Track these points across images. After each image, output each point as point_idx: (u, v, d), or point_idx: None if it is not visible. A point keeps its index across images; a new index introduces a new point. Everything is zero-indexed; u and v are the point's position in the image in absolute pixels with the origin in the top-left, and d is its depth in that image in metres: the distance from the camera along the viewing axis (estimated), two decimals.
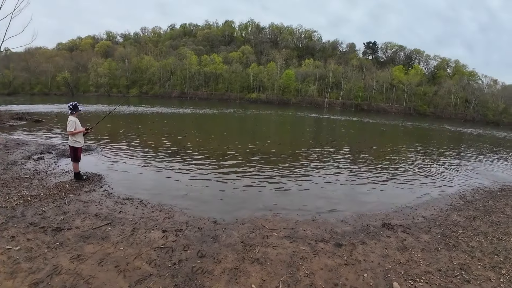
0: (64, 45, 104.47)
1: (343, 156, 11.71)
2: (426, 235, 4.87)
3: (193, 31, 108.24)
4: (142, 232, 4.30)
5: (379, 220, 5.42)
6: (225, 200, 6.11)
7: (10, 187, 5.79)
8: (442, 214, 6.07)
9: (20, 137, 12.18)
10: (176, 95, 79.92)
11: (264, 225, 4.87)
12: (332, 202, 6.41)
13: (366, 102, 74.13)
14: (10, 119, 17.18)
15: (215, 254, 3.81)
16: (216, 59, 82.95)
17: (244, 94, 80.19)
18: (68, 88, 79.14)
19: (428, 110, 70.49)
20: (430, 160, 12.43)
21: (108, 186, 6.38)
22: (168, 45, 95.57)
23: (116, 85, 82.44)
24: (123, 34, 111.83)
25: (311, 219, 5.30)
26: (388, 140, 19.62)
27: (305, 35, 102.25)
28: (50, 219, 4.51)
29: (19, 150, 9.16)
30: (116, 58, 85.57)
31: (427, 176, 9.40)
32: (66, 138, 11.16)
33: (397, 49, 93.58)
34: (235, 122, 26.32)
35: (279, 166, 9.32)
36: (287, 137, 18.22)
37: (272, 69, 79.52)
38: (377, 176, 8.92)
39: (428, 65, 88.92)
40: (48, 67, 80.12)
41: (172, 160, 9.30)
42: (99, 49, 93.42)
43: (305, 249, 4.09)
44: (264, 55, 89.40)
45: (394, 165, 10.75)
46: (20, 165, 7.54)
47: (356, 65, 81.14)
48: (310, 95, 76.24)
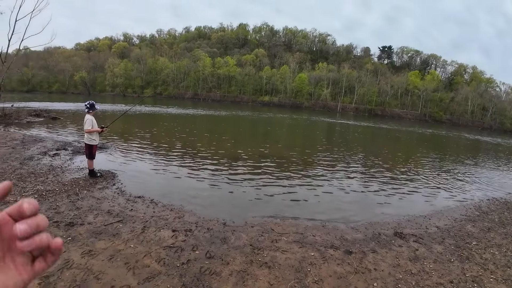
0: (82, 45, 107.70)
1: (356, 162, 11.54)
2: (439, 246, 4.73)
3: (208, 33, 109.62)
4: (152, 231, 4.34)
5: (391, 229, 5.30)
6: (235, 202, 6.11)
7: (26, 182, 5.96)
8: (456, 224, 5.89)
9: (37, 133, 12.57)
10: (189, 96, 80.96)
11: (273, 228, 4.84)
12: (343, 208, 6.31)
13: (380, 107, 73.10)
14: (28, 115, 17.77)
15: (223, 256, 3.81)
16: (229, 62, 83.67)
17: (257, 96, 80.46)
18: (85, 87, 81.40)
19: (444, 117, 68.92)
20: (445, 168, 12.10)
21: (120, 184, 6.49)
22: (182, 47, 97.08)
23: (131, 85, 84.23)
24: (140, 35, 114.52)
25: (321, 225, 5.23)
26: (402, 147, 19.24)
27: (319, 38, 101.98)
28: (64, 214, 4.61)
29: (36, 146, 9.45)
30: (132, 59, 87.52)
31: (442, 185, 9.14)
32: (81, 136, 11.45)
33: (413, 54, 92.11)
34: (248, 125, 26.38)
35: (290, 170, 9.26)
36: (299, 141, 18.12)
37: (285, 72, 79.52)
38: (390, 183, 8.74)
39: (445, 71, 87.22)
40: (66, 66, 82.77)
41: (184, 161, 9.39)
42: (116, 50, 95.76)
43: (314, 255, 4.03)
44: (278, 58, 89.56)
45: (408, 172, 10.51)
46: (36, 160, 7.77)
47: (371, 70, 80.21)
48: (323, 99, 75.78)
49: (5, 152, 8.31)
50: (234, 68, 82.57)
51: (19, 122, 15.72)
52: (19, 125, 14.68)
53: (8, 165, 7.04)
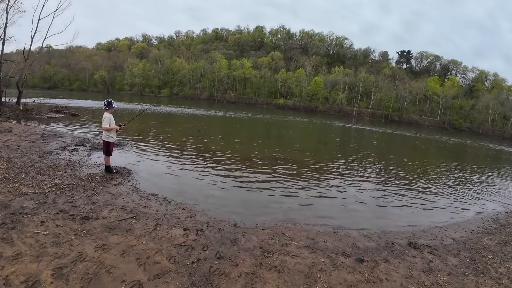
0: (103, 45, 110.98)
1: (371, 169, 11.32)
2: (454, 258, 4.57)
3: (225, 35, 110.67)
4: (164, 228, 4.39)
5: (405, 239, 5.15)
6: (246, 204, 6.11)
7: (44, 175, 6.17)
8: (473, 237, 5.68)
9: (57, 128, 13.02)
10: (205, 97, 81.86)
11: (284, 232, 4.80)
12: (356, 215, 6.20)
13: (397, 113, 71.52)
14: (49, 111, 18.43)
15: (233, 257, 3.81)
16: (245, 64, 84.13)
17: (272, 99, 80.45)
18: (104, 85, 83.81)
19: (464, 125, 66.66)
20: (464, 178, 11.69)
21: (135, 181, 6.62)
22: (199, 48, 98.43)
23: (148, 85, 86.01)
24: (158, 37, 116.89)
25: (333, 231, 5.15)
26: (420, 155, 18.73)
27: (336, 42, 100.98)
28: (80, 207, 4.74)
29: (55, 141, 9.77)
30: (150, 59, 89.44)
31: (459, 196, 8.84)
32: (99, 132, 11.76)
33: (433, 59, 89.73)
34: (262, 127, 26.41)
35: (303, 174, 9.19)
36: (313, 145, 17.96)
37: (300, 75, 79.20)
38: (406, 192, 8.51)
39: (466, 77, 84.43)
40: (87, 65, 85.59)
41: (197, 161, 9.49)
42: (135, 51, 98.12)
43: (324, 261, 3.97)
44: (294, 61, 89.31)
45: (425, 181, 10.21)
46: (55, 155, 8.03)
47: (389, 75, 78.71)
48: (339, 103, 74.90)
49: (26, 145, 8.65)
50: (249, 71, 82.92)
51: (40, 117, 16.33)
52: (40, 120, 15.25)
53: (28, 158, 7.32)
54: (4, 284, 2.77)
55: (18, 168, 6.36)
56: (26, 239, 3.58)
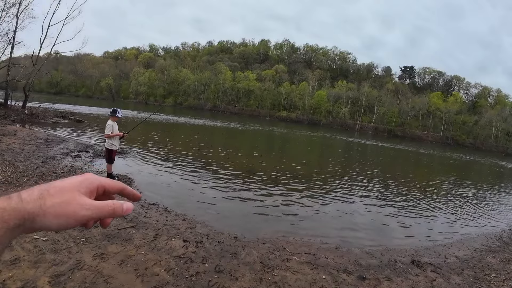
0: (110, 53, 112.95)
1: (374, 185, 11.23)
2: (457, 277, 4.47)
3: (230, 48, 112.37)
4: (163, 239, 4.34)
5: (408, 256, 5.05)
6: (247, 217, 6.05)
7: (46, 180, 6.14)
8: (476, 255, 5.57)
9: (61, 134, 13.09)
10: (209, 108, 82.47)
11: (285, 247, 4.72)
12: (359, 231, 6.10)
13: (400, 128, 71.55)
14: (54, 116, 18.61)
15: (232, 271, 3.74)
16: (249, 76, 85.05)
17: (275, 111, 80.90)
18: (110, 93, 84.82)
19: (467, 140, 66.43)
20: (467, 195, 11.54)
21: (136, 189, 6.54)
22: (205, 60, 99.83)
23: (153, 94, 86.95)
24: (165, 47, 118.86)
25: (335, 247, 5.06)
26: (423, 171, 18.60)
27: (340, 56, 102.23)
28: None
29: (59, 146, 9.82)
30: (156, 69, 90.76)
31: (463, 213, 8.70)
32: (103, 140, 11.82)
33: (436, 75, 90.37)
34: (264, 140, 26.44)
35: (305, 188, 9.12)
36: (315, 159, 17.91)
37: (304, 88, 79.84)
38: (409, 208, 8.39)
39: (469, 93, 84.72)
40: (94, 72, 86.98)
41: (199, 172, 9.46)
42: (142, 60, 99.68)
43: (325, 278, 3.89)
44: (297, 75, 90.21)
45: (428, 198, 10.09)
46: (58, 160, 8.05)
47: (391, 89, 79.18)
48: (342, 117, 75.17)
49: (29, 149, 8.69)
50: (253, 83, 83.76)
51: (45, 122, 16.48)
52: (45, 125, 15.37)
53: (30, 162, 7.33)
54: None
55: (20, 172, 6.37)
56: (24, 244, 3.54)
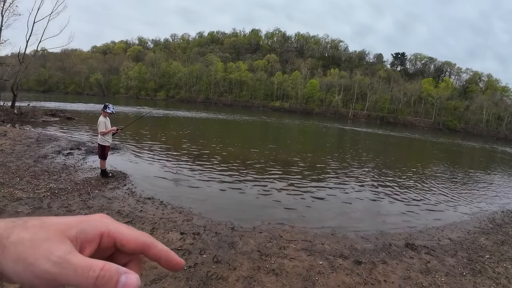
0: (99, 48, 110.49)
1: (367, 171, 11.36)
2: (451, 259, 4.59)
3: (220, 38, 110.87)
4: (161, 233, 4.36)
5: (402, 240, 5.16)
6: (243, 207, 6.09)
7: (39, 179, 6.09)
8: (470, 237, 5.72)
9: (52, 132, 12.88)
10: (201, 100, 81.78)
11: (281, 235, 4.78)
12: (353, 217, 6.20)
13: (392, 115, 72.12)
14: (44, 115, 18.26)
15: (230, 261, 3.78)
16: (241, 67, 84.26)
17: (268, 102, 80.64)
18: (100, 89, 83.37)
19: (459, 125, 67.39)
20: (459, 179, 11.78)
21: (131, 184, 6.57)
22: (195, 51, 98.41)
23: (144, 88, 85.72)
24: (154, 40, 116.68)
25: (330, 233, 5.14)
26: (415, 156, 18.86)
27: (331, 44, 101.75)
28: (75, 212, 4.68)
29: (50, 145, 9.67)
30: (146, 62, 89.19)
31: (455, 196, 8.89)
32: (95, 136, 11.67)
33: (427, 61, 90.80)
34: (258, 130, 26.40)
35: (299, 176, 9.18)
36: (309, 147, 17.99)
37: (296, 78, 79.52)
38: (402, 193, 8.54)
39: (460, 79, 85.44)
40: (82, 68, 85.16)
41: (194, 164, 9.44)
42: (131, 54, 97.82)
43: (322, 264, 3.96)
44: (289, 64, 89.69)
45: (421, 182, 10.27)
46: (50, 159, 7.94)
47: (383, 77, 79.36)
48: (335, 105, 75.36)
49: (20, 149, 8.55)
50: (245, 73, 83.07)
51: (35, 121, 16.17)
52: (35, 124, 15.09)
53: (22, 162, 7.22)
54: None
55: (12, 173, 6.27)
56: None
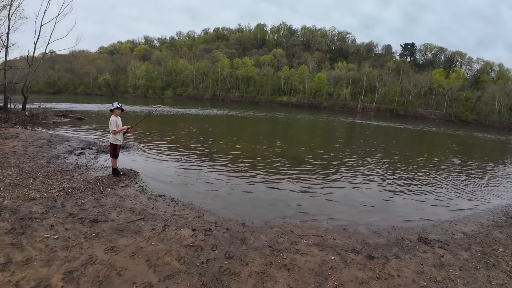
0: (106, 48, 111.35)
1: (377, 164, 11.23)
2: (465, 253, 4.52)
3: (226, 34, 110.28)
4: (173, 229, 4.40)
5: (415, 234, 5.09)
6: (254, 203, 6.10)
7: (52, 179, 6.21)
8: (483, 230, 5.61)
9: (63, 133, 13.12)
10: (208, 97, 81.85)
11: (293, 230, 4.77)
12: (365, 211, 6.15)
13: (402, 107, 70.73)
14: (55, 116, 18.60)
15: (242, 257, 3.79)
16: (247, 62, 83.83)
17: (275, 97, 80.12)
18: (108, 89, 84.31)
19: (471, 117, 65.67)
20: (472, 171, 11.53)
21: (142, 182, 6.65)
22: (201, 48, 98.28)
23: (152, 87, 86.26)
24: (160, 38, 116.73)
25: (342, 228, 5.11)
26: (427, 149, 18.54)
27: (339, 37, 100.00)
28: (88, 211, 4.76)
29: (62, 145, 9.85)
30: (153, 61, 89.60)
31: (468, 189, 8.71)
32: (105, 135, 11.83)
33: (437, 51, 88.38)
34: (266, 125, 26.34)
35: (309, 171, 9.14)
36: (318, 141, 17.88)
37: (303, 72, 78.69)
38: (414, 187, 8.41)
39: (471, 69, 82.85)
40: (90, 69, 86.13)
41: (203, 161, 9.50)
42: (138, 53, 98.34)
43: (334, 259, 3.94)
44: (296, 58, 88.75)
45: (433, 175, 10.09)
46: (62, 159, 8.10)
47: (393, 68, 77.75)
48: (343, 99, 74.38)
49: (33, 150, 8.73)
50: (252, 69, 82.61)
51: (46, 122, 16.49)
52: (46, 125, 15.39)
53: (35, 163, 7.38)
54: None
55: (26, 173, 6.42)
56: (36, 244, 3.60)
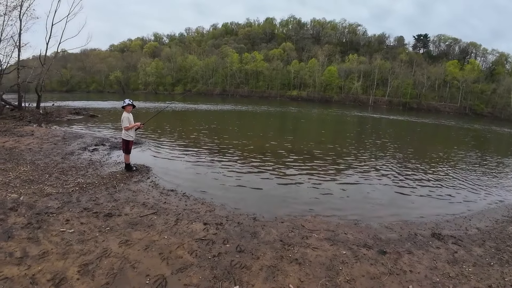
0: (116, 46, 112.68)
1: (390, 159, 11.06)
2: (479, 249, 4.43)
3: (235, 29, 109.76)
4: (185, 223, 4.47)
5: (428, 229, 5.02)
6: (264, 198, 6.12)
7: (67, 175, 6.38)
8: (498, 226, 5.48)
9: (77, 130, 13.41)
10: (218, 92, 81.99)
11: (303, 225, 4.77)
12: (377, 206, 6.08)
13: (415, 100, 69.09)
14: (68, 113, 19.01)
15: (253, 250, 3.83)
16: (257, 57, 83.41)
17: (285, 91, 79.54)
18: (120, 86, 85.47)
19: (486, 110, 63.64)
20: (487, 166, 11.21)
21: (154, 177, 6.76)
22: (210, 44, 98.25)
23: (162, 83, 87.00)
24: (169, 35, 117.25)
25: (353, 223, 5.07)
26: (441, 143, 18.12)
27: (349, 29, 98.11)
28: (103, 205, 4.88)
29: (76, 142, 10.08)
30: (162, 58, 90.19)
31: (483, 184, 8.48)
32: (118, 132, 12.04)
33: (451, 42, 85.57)
34: (276, 120, 26.26)
35: (320, 165, 9.09)
36: (329, 136, 17.72)
37: (313, 65, 77.74)
38: (427, 181, 8.25)
39: (486, 60, 79.89)
40: (102, 67, 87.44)
41: (214, 156, 9.56)
42: (147, 50, 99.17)
43: (346, 254, 3.92)
44: (306, 52, 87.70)
45: (448, 170, 9.86)
46: (77, 155, 8.30)
47: (405, 60, 75.83)
48: (354, 92, 73.22)
49: (48, 147, 8.97)
50: (261, 63, 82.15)
51: (60, 119, 16.87)
52: (60, 123, 15.76)
53: (50, 159, 7.59)
54: (31, 283, 2.86)
55: (41, 170, 6.61)
56: (52, 238, 3.72)
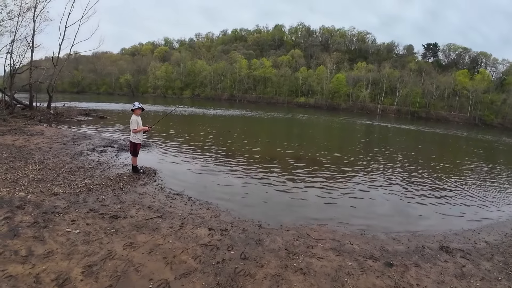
0: (127, 50, 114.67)
1: (397, 169, 10.91)
2: (487, 263, 4.32)
3: (244, 36, 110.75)
4: (189, 228, 4.45)
5: (436, 242, 4.90)
6: (270, 205, 6.08)
7: (75, 175, 6.45)
8: (507, 240, 5.34)
9: (86, 131, 13.60)
10: (226, 97, 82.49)
11: (309, 234, 4.71)
12: (384, 217, 5.97)
13: (424, 110, 68.32)
14: (78, 114, 19.32)
15: (258, 258, 3.78)
16: (265, 63, 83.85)
17: (292, 98, 79.58)
18: (129, 89, 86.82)
19: (496, 120, 62.54)
20: (496, 179, 10.96)
21: (161, 180, 6.78)
22: (219, 49, 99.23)
23: (171, 87, 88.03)
24: (179, 40, 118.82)
25: (360, 233, 4.99)
26: (450, 154, 17.82)
27: (358, 37, 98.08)
28: (109, 207, 4.91)
29: (85, 143, 10.21)
30: (172, 62, 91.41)
31: (492, 197, 8.28)
32: (126, 134, 12.17)
33: (461, 52, 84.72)
34: (283, 127, 26.25)
35: (326, 174, 9.01)
36: (336, 144, 17.61)
37: (322, 73, 77.71)
38: (436, 193, 8.10)
39: (496, 70, 78.85)
40: (112, 69, 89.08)
41: (220, 161, 9.57)
42: (158, 54, 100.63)
43: (351, 265, 3.85)
44: (314, 59, 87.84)
45: (456, 182, 9.68)
46: (85, 156, 8.40)
47: (414, 69, 75.27)
48: (362, 100, 72.82)
49: (57, 147, 9.10)
50: (270, 70, 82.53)
51: (70, 120, 17.15)
52: (70, 123, 16.01)
53: (59, 159, 7.69)
54: (35, 282, 2.87)
55: (50, 169, 6.70)
56: (57, 238, 3.74)
